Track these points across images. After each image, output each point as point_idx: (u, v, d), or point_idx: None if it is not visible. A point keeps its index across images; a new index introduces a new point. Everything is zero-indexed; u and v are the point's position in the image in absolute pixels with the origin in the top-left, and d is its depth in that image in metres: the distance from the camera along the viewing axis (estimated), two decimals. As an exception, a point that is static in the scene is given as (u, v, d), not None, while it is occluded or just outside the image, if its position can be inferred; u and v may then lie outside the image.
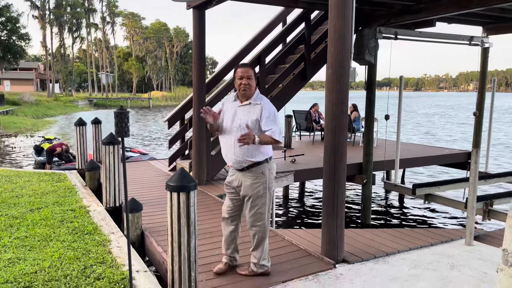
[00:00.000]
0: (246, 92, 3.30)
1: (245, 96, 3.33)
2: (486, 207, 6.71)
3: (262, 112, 3.30)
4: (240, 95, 3.35)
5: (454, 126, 30.72)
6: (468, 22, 9.07)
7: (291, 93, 7.98)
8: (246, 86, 3.28)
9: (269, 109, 3.34)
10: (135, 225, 4.56)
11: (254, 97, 3.35)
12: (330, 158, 3.75)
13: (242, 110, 3.34)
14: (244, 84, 3.27)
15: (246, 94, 3.31)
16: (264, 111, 3.31)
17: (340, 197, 3.80)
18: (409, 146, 11.01)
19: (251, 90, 3.32)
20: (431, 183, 8.05)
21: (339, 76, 3.61)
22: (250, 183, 3.34)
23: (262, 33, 8.44)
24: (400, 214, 9.39)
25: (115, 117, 2.60)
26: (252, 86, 3.31)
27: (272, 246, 4.18)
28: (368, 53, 7.81)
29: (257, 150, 3.34)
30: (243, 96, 3.34)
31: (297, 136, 12.28)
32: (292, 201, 10.32)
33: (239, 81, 3.29)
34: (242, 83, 3.28)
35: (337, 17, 3.55)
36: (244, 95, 3.33)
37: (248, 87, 3.29)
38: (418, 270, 3.70)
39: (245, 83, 3.27)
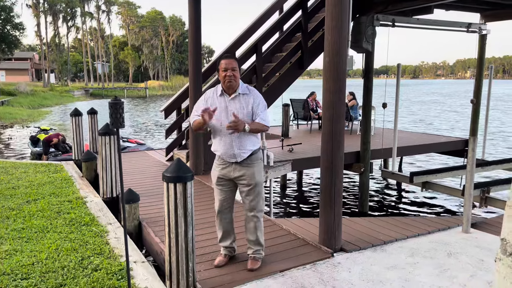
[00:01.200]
0: (232, 84, 3.26)
1: (230, 88, 3.28)
2: (483, 194, 6.74)
3: (253, 101, 3.29)
4: (226, 87, 3.29)
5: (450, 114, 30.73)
6: (466, 8, 9.00)
7: (289, 81, 7.92)
8: (231, 78, 3.23)
9: (259, 98, 3.34)
10: (132, 215, 4.55)
11: (241, 87, 3.32)
12: (327, 147, 3.73)
13: (235, 103, 3.30)
14: (229, 76, 3.22)
15: (231, 85, 3.27)
16: (255, 100, 3.30)
17: (338, 186, 3.79)
18: (407, 134, 11.00)
19: (236, 82, 3.27)
20: (429, 171, 8.06)
21: (336, 64, 3.57)
22: (254, 171, 3.34)
23: (259, 21, 8.35)
24: (397, 202, 9.42)
25: (109, 107, 2.56)
26: (237, 78, 3.27)
27: (270, 235, 4.19)
28: (365, 41, 7.74)
29: (256, 138, 3.35)
30: (228, 88, 3.28)
31: (294, 125, 12.26)
32: (290, 190, 10.33)
33: (224, 73, 3.24)
34: (227, 75, 3.23)
35: (334, 4, 3.49)
36: (230, 87, 3.28)
37: (234, 79, 3.24)
38: (416, 258, 3.72)
39: (229, 74, 3.22)
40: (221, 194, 3.43)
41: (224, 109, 3.30)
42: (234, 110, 3.26)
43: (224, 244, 3.59)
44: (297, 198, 9.64)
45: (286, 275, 3.38)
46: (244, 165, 3.32)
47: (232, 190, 3.45)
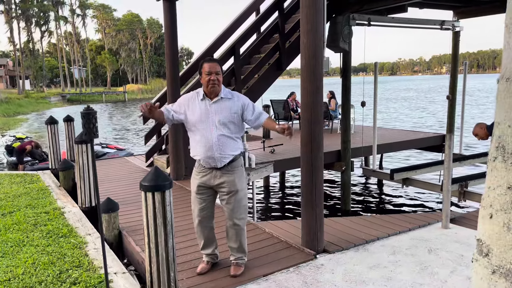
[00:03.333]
0: (215, 88, 3.22)
1: (214, 92, 3.24)
2: (461, 189, 6.87)
3: (243, 105, 3.27)
4: (209, 91, 3.24)
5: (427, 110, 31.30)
6: (439, 6, 9.17)
7: (268, 83, 7.92)
8: (215, 82, 3.19)
9: (246, 100, 3.33)
10: (111, 225, 4.46)
11: (223, 91, 3.29)
12: (307, 149, 3.73)
13: (216, 106, 3.25)
14: (212, 79, 3.18)
15: (215, 90, 3.22)
16: (244, 102, 3.28)
17: (319, 187, 3.79)
18: (386, 131, 11.14)
19: (220, 86, 3.24)
20: (408, 167, 8.18)
21: (312, 67, 3.57)
22: (234, 178, 3.29)
23: (236, 22, 8.31)
24: (379, 199, 9.53)
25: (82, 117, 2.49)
26: (220, 81, 3.23)
27: (253, 239, 4.16)
28: (342, 40, 7.80)
29: (237, 143, 3.30)
30: (211, 92, 3.24)
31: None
32: (272, 191, 10.33)
33: (207, 77, 3.19)
34: (211, 79, 3.18)
35: (309, 7, 3.49)
36: (213, 91, 3.23)
37: (217, 83, 3.20)
38: (397, 256, 3.75)
39: (213, 78, 3.18)
40: (201, 203, 3.37)
41: (205, 113, 3.25)
42: (217, 112, 3.22)
43: (206, 251, 3.54)
44: (280, 199, 9.64)
45: (269, 280, 3.37)
46: (225, 172, 3.27)
47: (212, 198, 3.40)
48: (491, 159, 1.49)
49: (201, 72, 3.25)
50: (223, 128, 3.21)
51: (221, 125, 3.21)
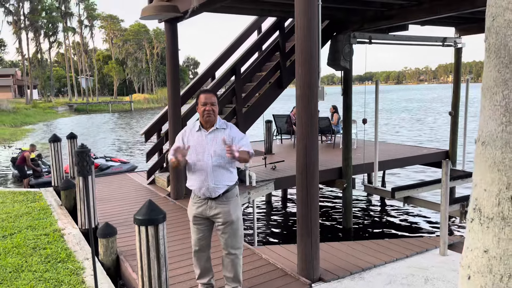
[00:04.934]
0: (211, 118, 3.28)
1: (209, 122, 3.30)
2: (462, 209, 6.84)
3: (233, 136, 3.30)
4: (204, 121, 3.31)
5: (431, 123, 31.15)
6: (441, 23, 9.20)
7: (269, 101, 7.97)
8: (210, 112, 3.26)
9: (238, 133, 3.36)
10: (109, 250, 4.49)
11: (219, 122, 3.34)
12: (302, 178, 3.75)
13: (212, 137, 3.30)
14: (208, 110, 3.25)
15: (210, 120, 3.29)
16: (235, 135, 3.32)
17: (314, 215, 3.80)
18: (388, 146, 11.11)
19: (215, 116, 3.30)
20: (410, 186, 8.15)
21: (308, 97, 3.60)
22: (229, 208, 3.32)
23: (238, 40, 8.42)
24: (381, 217, 9.48)
25: (76, 156, 2.54)
26: (216, 112, 3.30)
27: (249, 266, 4.17)
28: (343, 59, 7.84)
29: (232, 174, 3.34)
30: (207, 122, 3.30)
31: (278, 140, 12.30)
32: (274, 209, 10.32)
33: (203, 107, 3.27)
34: (206, 109, 3.25)
35: (304, 38, 3.54)
36: (208, 121, 3.30)
37: (212, 113, 3.27)
38: (393, 286, 3.73)
39: (209, 109, 3.25)
40: (197, 233, 3.41)
41: (201, 144, 3.30)
42: (213, 143, 3.27)
43: (202, 281, 3.56)
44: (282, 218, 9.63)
45: (263, 311, 3.36)
46: (220, 202, 3.30)
47: (209, 228, 3.43)
48: (469, 219, 1.51)
49: (197, 102, 3.33)
50: (218, 159, 3.26)
51: (217, 155, 3.26)
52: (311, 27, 3.50)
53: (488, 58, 1.42)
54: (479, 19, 8.71)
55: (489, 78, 1.42)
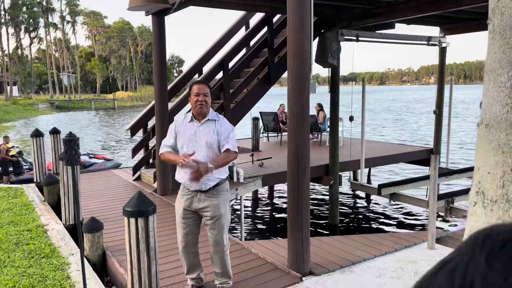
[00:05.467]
0: (203, 109, 3.22)
1: (201, 113, 3.24)
2: (447, 205, 6.93)
3: (221, 129, 3.25)
4: (196, 112, 3.25)
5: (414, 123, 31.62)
6: (426, 23, 9.31)
7: (257, 97, 7.93)
8: (203, 103, 3.20)
9: (227, 126, 3.30)
10: (95, 245, 4.38)
11: (211, 114, 3.29)
12: (293, 171, 3.72)
13: (204, 128, 3.25)
14: (200, 101, 3.20)
15: (202, 111, 3.23)
16: (223, 128, 3.26)
17: (305, 210, 3.78)
18: (374, 145, 11.20)
19: (208, 108, 3.25)
20: (396, 182, 8.23)
21: (299, 90, 3.58)
22: (218, 202, 3.26)
23: (225, 36, 8.35)
24: (367, 213, 9.55)
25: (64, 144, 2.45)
26: (208, 103, 3.25)
27: (240, 260, 4.12)
28: (331, 56, 7.85)
29: (224, 167, 3.28)
30: (199, 113, 3.25)
31: (265, 138, 12.27)
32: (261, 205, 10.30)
33: (195, 98, 3.21)
34: (199, 100, 3.20)
35: (296, 31, 3.51)
36: (201, 112, 3.24)
37: (205, 104, 3.21)
38: (383, 279, 3.74)
39: (201, 99, 3.20)
40: (185, 228, 3.33)
41: (193, 135, 3.24)
42: (204, 134, 3.21)
43: (191, 276, 3.50)
44: (269, 214, 9.61)
45: (254, 305, 3.33)
46: (209, 195, 3.24)
47: (197, 223, 3.37)
48: (471, 203, 1.50)
49: (190, 93, 3.28)
50: (209, 150, 3.21)
51: (208, 147, 3.21)
52: (303, 19, 3.47)
53: (493, 40, 1.41)
54: (463, 18, 8.85)
55: (493, 59, 1.41)
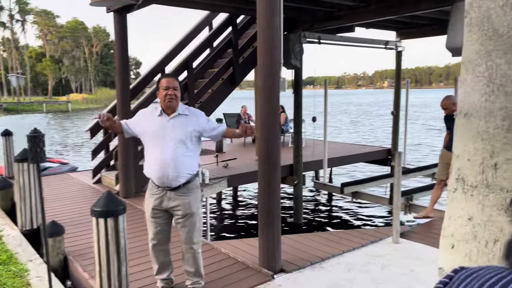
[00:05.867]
0: (172, 103, 3.15)
1: (171, 107, 3.17)
2: (407, 202, 7.18)
3: (202, 122, 3.22)
4: (166, 106, 3.17)
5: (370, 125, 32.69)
6: (384, 27, 9.65)
7: (222, 97, 7.89)
8: (173, 96, 3.13)
9: (202, 116, 3.30)
10: (56, 250, 4.17)
11: (181, 108, 3.22)
12: (264, 170, 3.72)
13: (174, 123, 3.17)
14: (170, 94, 3.12)
15: (172, 105, 3.15)
16: (200, 118, 3.24)
17: (276, 208, 3.79)
18: (335, 145, 11.45)
19: (177, 101, 3.18)
20: (358, 181, 8.45)
21: (270, 88, 3.59)
22: (190, 200, 3.19)
23: (188, 37, 8.25)
24: (330, 212, 9.74)
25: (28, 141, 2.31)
26: (178, 97, 3.18)
27: (210, 260, 4.07)
28: (294, 57, 7.96)
29: (193, 162, 3.22)
30: (168, 107, 3.17)
31: (228, 139, 12.21)
32: (226, 207, 10.24)
33: (165, 92, 3.13)
34: (168, 94, 3.12)
35: (266, 28, 3.52)
36: (170, 106, 3.16)
37: (175, 98, 3.14)
38: (352, 274, 3.82)
39: (171, 93, 3.12)
40: (156, 227, 3.24)
41: (162, 129, 3.15)
42: (175, 129, 3.14)
43: (161, 276, 3.40)
44: (234, 215, 9.57)
45: (227, 304, 3.29)
46: (180, 193, 3.17)
47: (168, 222, 3.29)
48: (451, 190, 1.55)
49: (158, 87, 3.19)
50: (179, 145, 3.13)
51: (178, 142, 3.13)
52: (273, 16, 3.49)
53: (470, 32, 1.47)
54: (418, 24, 9.25)
55: (470, 51, 1.47)
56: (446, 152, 5.17)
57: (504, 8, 1.34)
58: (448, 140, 5.21)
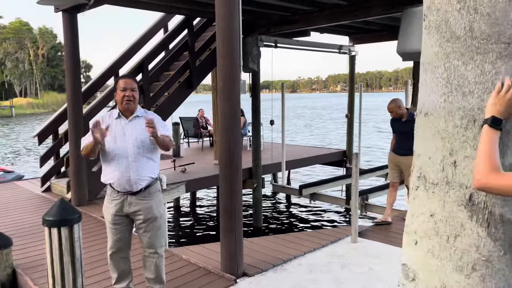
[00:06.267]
0: (130, 105, 3.04)
1: (128, 109, 3.06)
2: (362, 202, 7.39)
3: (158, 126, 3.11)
4: (123, 108, 3.06)
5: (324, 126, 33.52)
6: (338, 32, 9.93)
7: (178, 101, 7.75)
8: (130, 98, 3.02)
9: (159, 120, 3.18)
10: (4, 263, 3.90)
11: (139, 110, 3.13)
12: (225, 173, 3.68)
13: (133, 125, 3.06)
14: (128, 95, 3.01)
15: (130, 107, 3.05)
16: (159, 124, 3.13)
17: (238, 211, 3.76)
18: (292, 148, 11.59)
19: (135, 104, 3.08)
20: (315, 183, 8.61)
21: (230, 88, 3.56)
22: (151, 204, 3.08)
23: (143, 39, 8.06)
24: (289, 214, 9.83)
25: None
26: (136, 99, 3.08)
27: (170, 267, 3.96)
28: (251, 61, 7.99)
29: (154, 165, 3.13)
30: (126, 109, 3.06)
31: (185, 143, 12.04)
32: (184, 212, 10.06)
33: (122, 93, 3.02)
34: (126, 95, 3.01)
35: (225, 30, 3.49)
36: (128, 108, 3.06)
37: (133, 99, 3.04)
38: (314, 274, 3.86)
39: (129, 94, 3.01)
40: (116, 234, 3.11)
41: (121, 132, 3.03)
42: (134, 132, 3.03)
43: (121, 285, 3.26)
44: (193, 220, 9.42)
45: (190, 311, 3.21)
46: (141, 198, 3.06)
47: (128, 228, 3.16)
48: (413, 187, 1.59)
49: (115, 88, 3.08)
50: (140, 148, 3.04)
51: (138, 144, 3.03)
52: (232, 17, 3.47)
53: (428, 35, 1.52)
54: (369, 29, 9.59)
55: (429, 53, 1.52)
56: (394, 154, 5.36)
57: (461, 11, 1.40)
58: (395, 143, 5.39)
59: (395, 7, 6.25)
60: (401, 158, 5.17)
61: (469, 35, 1.39)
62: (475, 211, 1.42)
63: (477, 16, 1.38)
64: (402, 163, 5.16)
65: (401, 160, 5.18)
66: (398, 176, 5.36)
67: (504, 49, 1.38)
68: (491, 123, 1.34)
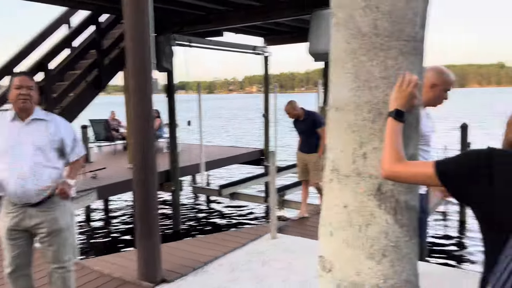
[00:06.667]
0: (26, 105, 2.70)
1: (24, 109, 2.72)
2: (280, 198, 7.60)
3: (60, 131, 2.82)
4: (19, 108, 2.72)
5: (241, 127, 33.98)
6: (251, 33, 10.08)
7: (86, 102, 7.25)
8: (26, 97, 2.68)
9: (67, 127, 2.90)
10: None
11: (38, 112, 2.81)
12: (140, 177, 3.50)
13: (30, 129, 2.74)
14: (23, 94, 2.67)
15: (26, 106, 2.71)
16: (63, 129, 2.84)
17: (154, 216, 3.60)
18: (209, 148, 11.50)
19: (32, 103, 2.75)
20: (235, 182, 8.65)
21: (142, 88, 3.39)
22: (56, 215, 2.78)
23: (42, 35, 7.40)
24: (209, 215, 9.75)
25: None
26: (33, 98, 2.74)
27: (81, 281, 3.66)
28: (165, 60, 7.76)
29: (58, 171, 2.82)
30: (22, 109, 2.72)
31: (95, 148, 11.32)
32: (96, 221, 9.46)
33: (17, 91, 2.67)
34: (21, 93, 2.67)
35: (134, 27, 3.32)
36: (24, 108, 2.71)
37: (29, 98, 2.71)
38: (235, 274, 3.84)
39: (24, 93, 2.68)
40: (14, 250, 2.76)
41: (17, 137, 2.69)
42: (30, 137, 2.70)
43: (22, 309, 2.92)
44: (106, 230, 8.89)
45: (105, 326, 2.99)
46: (43, 209, 2.75)
47: (28, 242, 2.83)
48: (327, 181, 1.63)
49: (10, 86, 2.72)
50: (39, 155, 2.71)
51: (37, 150, 2.70)
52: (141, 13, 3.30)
53: (337, 32, 1.56)
54: (281, 31, 9.88)
55: (338, 50, 1.57)
56: (300, 153, 5.73)
57: (365, 9, 1.46)
58: (300, 142, 5.73)
59: (304, 9, 6.51)
60: (307, 156, 5.56)
61: (373, 32, 1.46)
62: (383, 200, 1.50)
63: (379, 14, 1.45)
64: (308, 160, 5.52)
65: (306, 157, 5.58)
66: (306, 174, 5.66)
67: (404, 45, 1.47)
68: (395, 116, 1.42)
